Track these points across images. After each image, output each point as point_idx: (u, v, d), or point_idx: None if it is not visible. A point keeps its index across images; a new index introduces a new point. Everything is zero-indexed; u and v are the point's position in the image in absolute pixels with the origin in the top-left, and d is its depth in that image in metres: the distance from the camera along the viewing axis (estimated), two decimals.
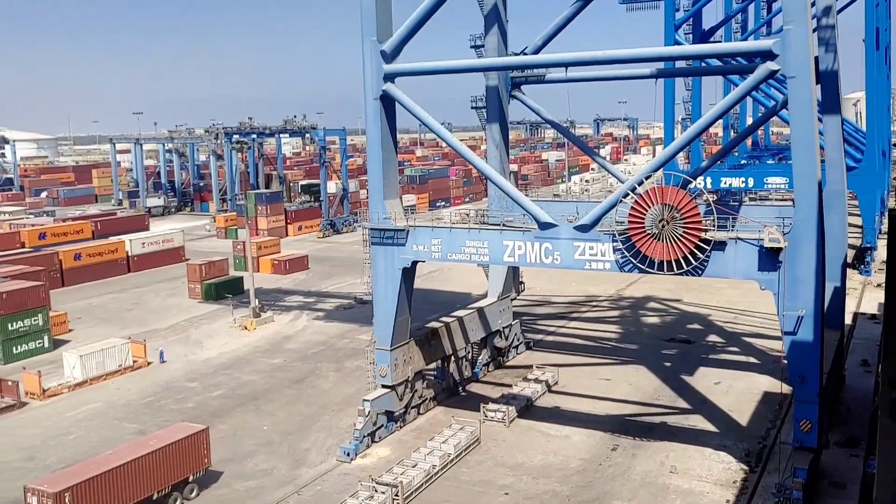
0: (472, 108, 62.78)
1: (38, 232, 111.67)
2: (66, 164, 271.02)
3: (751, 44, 67.38)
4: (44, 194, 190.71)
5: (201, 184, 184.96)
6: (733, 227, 41.35)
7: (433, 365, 56.48)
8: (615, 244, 42.86)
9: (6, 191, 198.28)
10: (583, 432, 50.34)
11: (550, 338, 71.74)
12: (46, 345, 71.23)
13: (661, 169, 44.50)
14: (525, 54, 54.09)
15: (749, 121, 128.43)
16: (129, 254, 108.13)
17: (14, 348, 68.72)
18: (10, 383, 58.27)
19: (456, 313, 59.81)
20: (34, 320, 70.44)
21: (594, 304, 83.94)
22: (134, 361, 65.60)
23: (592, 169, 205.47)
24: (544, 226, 44.72)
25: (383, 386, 50.33)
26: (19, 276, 79.15)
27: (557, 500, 42.01)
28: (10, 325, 68.35)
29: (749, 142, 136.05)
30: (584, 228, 43.71)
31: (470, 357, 60.23)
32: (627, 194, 42.21)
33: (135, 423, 54.04)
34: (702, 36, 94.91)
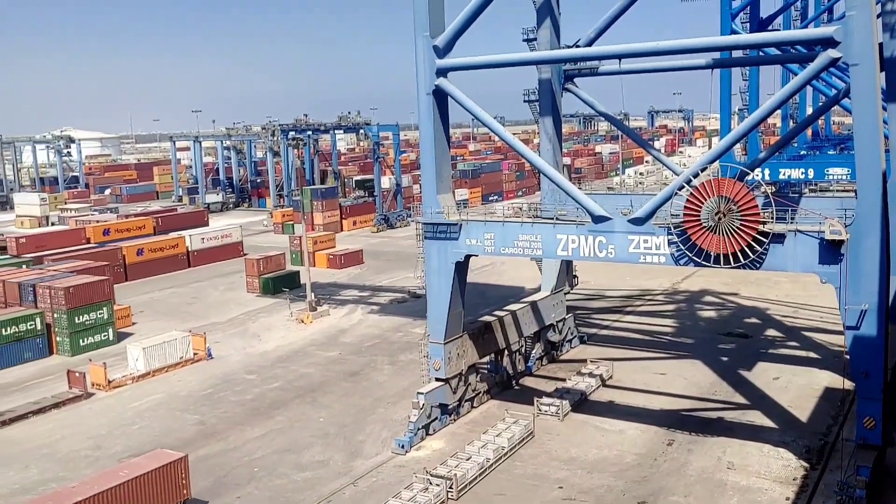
0: (525, 101, 62.61)
1: (102, 228, 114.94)
2: (128, 162, 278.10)
3: (811, 31, 65.81)
4: (107, 191, 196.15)
5: (258, 180, 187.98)
6: (793, 219, 40.53)
7: (487, 359, 56.64)
8: (670, 237, 42.39)
9: (72, 188, 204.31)
10: (638, 427, 49.96)
11: (604, 332, 71.26)
12: (111, 338, 73.38)
13: (718, 160, 43.81)
14: (578, 46, 53.72)
15: (809, 110, 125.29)
16: (189, 249, 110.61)
17: (81, 341, 70.95)
18: (77, 374, 60.28)
19: (509, 307, 59.84)
20: (99, 314, 72.64)
21: (649, 297, 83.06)
22: (194, 354, 67.20)
23: (647, 161, 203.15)
24: (598, 219, 44.44)
25: (437, 379, 50.67)
26: (85, 271, 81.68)
27: (612, 494, 41.82)
28: (76, 318, 70.61)
29: (809, 132, 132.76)
30: (638, 221, 43.31)
31: (523, 351, 60.20)
32: (683, 186, 41.68)
33: (195, 415, 55.40)
34: (759, 24, 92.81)
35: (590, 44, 53.57)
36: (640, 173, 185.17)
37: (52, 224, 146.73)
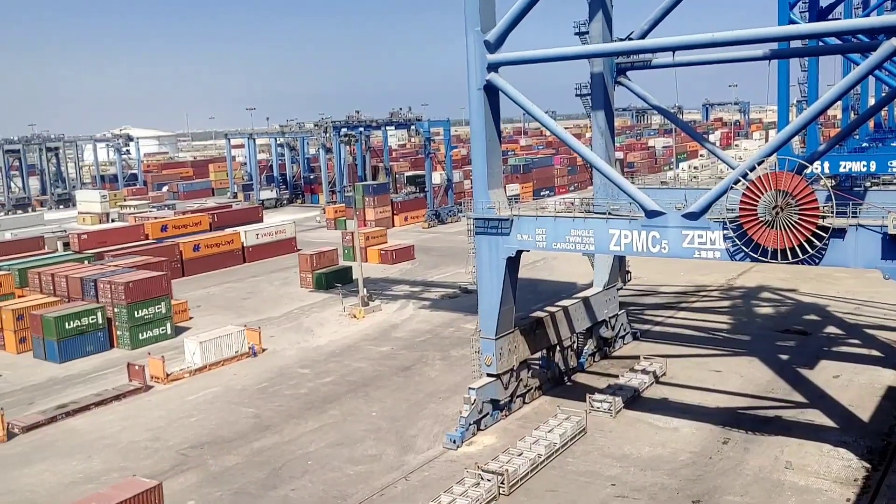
0: (577, 95, 62.21)
1: (160, 224, 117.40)
2: (184, 160, 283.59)
3: (874, 20, 63.90)
4: (165, 188, 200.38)
5: (311, 176, 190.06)
6: (854, 213, 39.45)
7: (538, 354, 56.44)
8: (726, 232, 41.62)
9: (131, 186, 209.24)
10: (692, 425, 49.26)
11: (658, 328, 70.39)
12: (169, 332, 75.02)
13: (775, 154, 42.87)
14: (631, 39, 53.06)
15: (871, 101, 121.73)
16: (244, 245, 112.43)
17: (140, 335, 72.69)
18: (137, 367, 61.78)
19: (561, 303, 59.51)
20: (158, 308, 74.31)
21: (703, 293, 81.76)
22: (249, 348, 68.32)
23: (701, 155, 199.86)
24: (651, 214, 43.87)
25: (489, 375, 50.65)
26: (144, 266, 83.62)
27: (666, 493, 41.33)
28: (136, 312, 72.35)
29: (871, 123, 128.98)
30: (692, 216, 42.63)
31: (575, 347, 59.83)
32: (739, 180, 40.88)
33: (251, 408, 56.33)
34: (819, 13, 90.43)
35: (643, 36, 52.86)
36: (695, 167, 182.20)
37: (113, 221, 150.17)
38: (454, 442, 47.79)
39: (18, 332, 72.23)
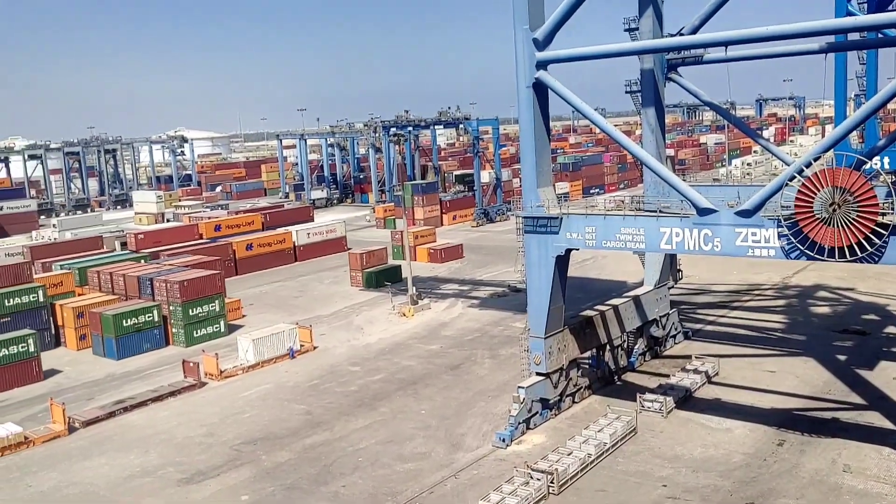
0: (627, 92, 61.77)
1: (214, 224, 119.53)
2: (237, 161, 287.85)
3: None
4: (218, 189, 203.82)
5: (361, 176, 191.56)
6: None
7: (588, 354, 56.08)
8: (780, 230, 40.81)
9: (186, 186, 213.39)
10: (746, 426, 48.44)
11: (710, 327, 69.34)
12: (222, 329, 76.34)
13: (832, 149, 41.92)
14: (682, 35, 52.41)
15: None
16: (296, 244, 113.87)
17: (195, 332, 74.12)
18: (191, 364, 63.04)
19: (611, 302, 59.03)
20: (212, 306, 75.70)
21: (757, 292, 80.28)
22: (301, 346, 69.18)
23: (755, 151, 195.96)
24: (703, 211, 43.25)
25: (538, 373, 50.50)
26: (198, 265, 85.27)
27: (719, 495, 40.72)
28: (190, 310, 73.81)
29: None
30: (746, 214, 41.88)
31: (625, 346, 59.28)
32: (794, 177, 40.03)
33: (302, 405, 57.06)
34: (878, 4, 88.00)
35: (694, 31, 52.17)
36: (748, 164, 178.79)
37: (168, 221, 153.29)
38: (503, 440, 47.77)
39: (79, 330, 74.28)
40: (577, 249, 48.88)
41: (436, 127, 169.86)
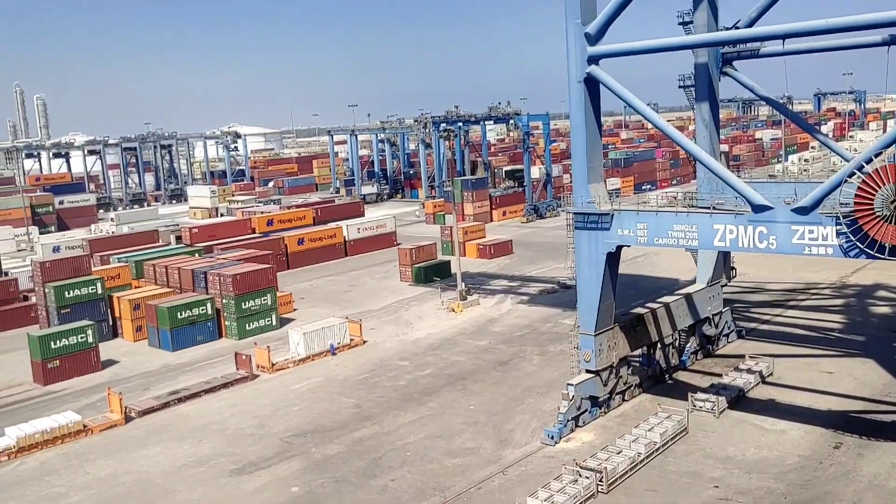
0: (680, 87, 60.85)
1: (266, 219, 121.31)
2: (289, 156, 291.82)
3: None
4: (271, 184, 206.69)
5: (411, 171, 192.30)
6: None
7: (639, 352, 55.48)
8: (839, 227, 39.76)
9: (239, 181, 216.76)
10: (801, 427, 47.38)
11: (765, 326, 68.01)
12: (274, 323, 77.41)
13: (894, 145, 40.71)
14: (738, 28, 51.42)
15: None
16: (346, 239, 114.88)
17: (247, 325, 75.28)
18: (244, 357, 64.05)
19: (662, 299, 58.30)
20: (264, 300, 76.79)
21: (814, 291, 78.46)
22: (350, 340, 69.79)
23: (812, 147, 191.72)
24: (758, 208, 42.38)
25: (587, 371, 50.14)
26: (250, 259, 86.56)
27: (772, 497, 39.94)
28: (243, 304, 74.98)
29: None
30: (803, 211, 40.92)
31: (677, 344, 58.47)
32: (854, 173, 38.97)
33: (352, 399, 57.57)
34: None
35: (751, 24, 51.13)
36: (805, 160, 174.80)
37: (221, 215, 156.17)
38: (552, 438, 47.56)
39: (135, 321, 76.05)
40: (629, 246, 48.32)
41: (486, 122, 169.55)
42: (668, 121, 61.03)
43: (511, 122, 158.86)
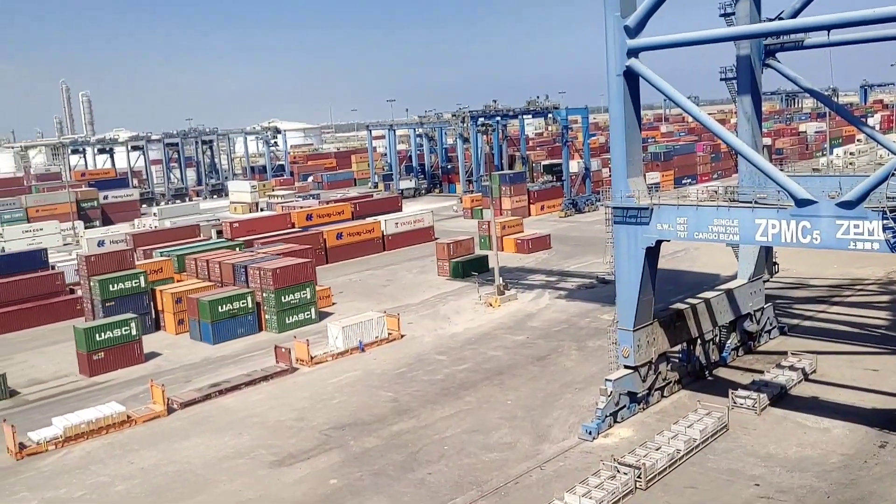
0: (722, 79, 59.86)
1: (305, 213, 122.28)
2: (328, 151, 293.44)
3: None
4: (310, 179, 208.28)
5: (449, 166, 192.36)
6: None
7: (678, 347, 54.94)
8: (886, 222, 38.88)
9: (279, 176, 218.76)
10: (845, 426, 46.52)
11: (808, 323, 66.86)
12: (313, 316, 78.06)
13: None
14: (781, 19, 50.51)
15: None
16: (384, 233, 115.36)
17: (286, 319, 76.04)
18: (283, 350, 64.73)
19: (703, 295, 57.63)
20: (303, 294, 77.49)
21: (859, 287, 76.90)
22: (388, 334, 70.13)
23: (858, 140, 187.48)
24: (802, 202, 41.65)
25: (626, 366, 49.79)
26: (290, 253, 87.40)
27: (815, 496, 39.30)
28: (283, 297, 75.73)
29: None
30: (848, 205, 40.11)
31: (717, 340, 57.77)
32: None
33: (389, 392, 57.88)
34: None
35: (795, 15, 50.20)
36: (851, 153, 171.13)
37: (261, 210, 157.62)
38: (590, 433, 47.34)
39: (177, 314, 77.23)
40: (668, 241, 47.86)
41: (524, 116, 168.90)
42: (709, 114, 60.20)
43: (549, 116, 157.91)
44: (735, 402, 49.70)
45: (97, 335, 66.51)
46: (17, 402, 61.91)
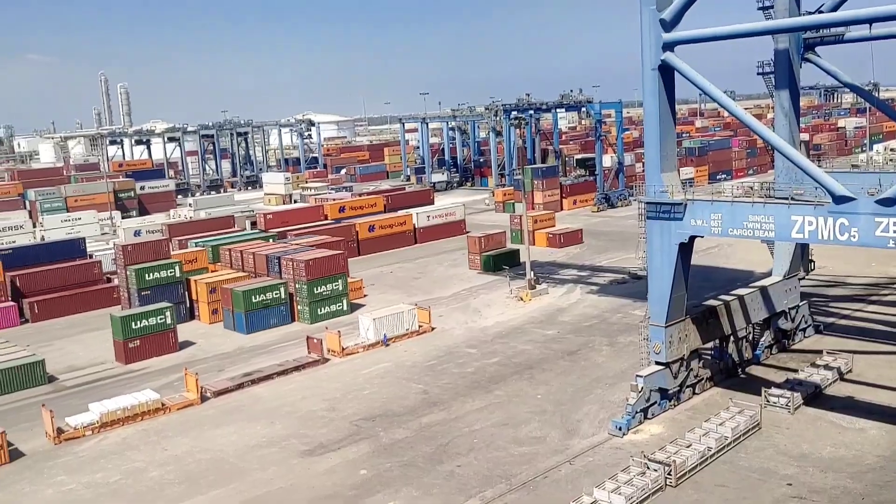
0: (759, 74, 59.14)
1: (338, 206, 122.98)
2: (361, 144, 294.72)
3: None
4: (343, 171, 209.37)
5: (481, 160, 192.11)
6: None
7: (710, 345, 54.46)
8: None
9: (312, 168, 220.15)
10: (881, 427, 45.80)
11: (844, 322, 65.86)
12: (345, 308, 78.55)
13: None
14: (821, 12, 49.67)
15: None
16: (416, 226, 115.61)
17: (319, 310, 76.61)
18: (315, 341, 65.26)
19: (736, 291, 57.02)
20: (335, 285, 78.00)
21: None
22: (419, 326, 70.37)
23: None
24: (840, 199, 41.00)
25: (657, 363, 49.49)
26: (323, 245, 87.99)
27: (849, 497, 38.78)
28: (315, 289, 76.32)
29: None
30: (888, 202, 39.37)
31: (751, 338, 57.16)
32: None
33: (420, 384, 58.11)
34: None
35: (835, 8, 49.38)
36: (892, 149, 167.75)
37: (295, 202, 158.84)
38: (620, 429, 47.16)
39: (211, 304, 78.19)
40: (702, 237, 47.46)
41: (557, 110, 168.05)
42: (745, 109, 59.40)
43: (583, 109, 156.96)
44: (768, 401, 49.17)
45: (133, 323, 67.60)
46: (55, 387, 63.20)
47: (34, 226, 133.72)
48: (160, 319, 68.92)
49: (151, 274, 78.46)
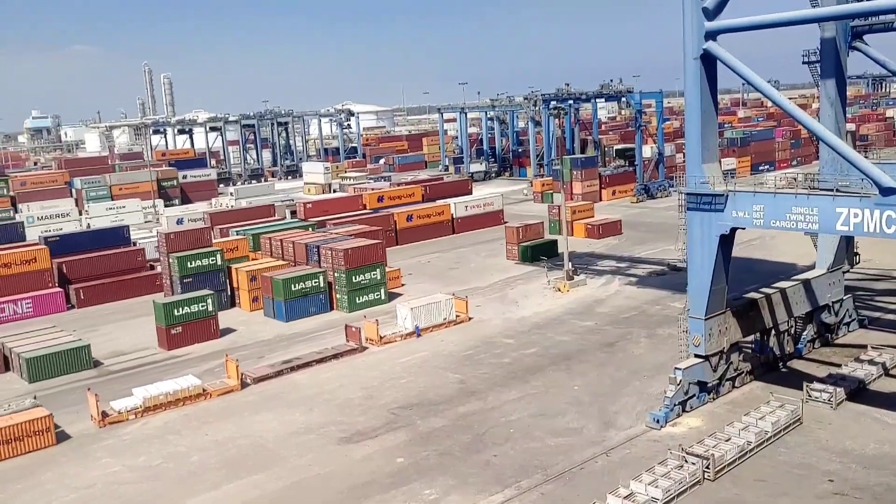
0: (804, 63, 58.06)
1: (377, 195, 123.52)
2: (400, 134, 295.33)
3: None
4: (381, 161, 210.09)
5: (520, 150, 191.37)
6: None
7: (751, 338, 53.78)
8: None
9: (351, 158, 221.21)
10: None
11: (890, 316, 64.53)
12: (383, 297, 79.00)
13: None
14: None
15: None
16: (454, 216, 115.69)
17: (357, 298, 77.18)
18: (353, 329, 65.78)
19: (778, 284, 56.20)
20: (373, 274, 78.47)
21: None
22: (457, 316, 70.52)
23: None
24: (887, 191, 40.12)
25: (696, 356, 49.04)
26: (361, 234, 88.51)
27: (893, 495, 38.06)
28: (353, 277, 76.86)
29: None
30: None
31: (793, 332, 56.31)
32: None
33: (457, 374, 58.29)
34: None
35: None
36: None
37: (334, 191, 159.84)
38: (657, 421, 46.86)
39: (252, 292, 79.21)
40: (744, 228, 46.79)
41: (597, 100, 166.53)
42: (790, 98, 58.41)
43: (623, 99, 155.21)
44: (810, 395, 48.46)
45: (175, 310, 68.76)
46: (100, 371, 64.63)
47: (80, 213, 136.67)
48: (202, 306, 69.99)
49: (193, 262, 79.68)
